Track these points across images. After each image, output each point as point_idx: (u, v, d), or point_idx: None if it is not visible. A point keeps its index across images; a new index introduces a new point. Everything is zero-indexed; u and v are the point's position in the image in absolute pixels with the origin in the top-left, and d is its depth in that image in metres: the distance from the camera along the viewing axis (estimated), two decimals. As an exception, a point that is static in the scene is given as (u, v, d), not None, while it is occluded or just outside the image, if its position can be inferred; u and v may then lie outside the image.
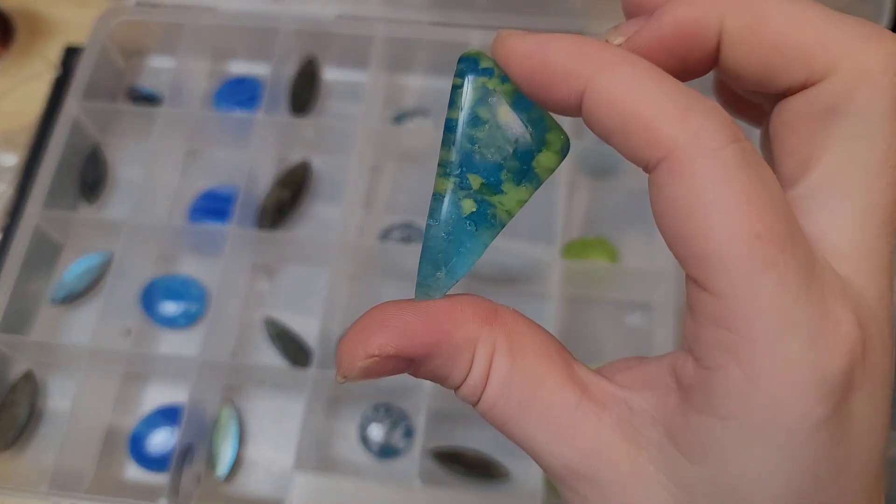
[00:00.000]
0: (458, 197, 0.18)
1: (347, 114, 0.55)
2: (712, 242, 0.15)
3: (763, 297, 0.14)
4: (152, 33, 0.56)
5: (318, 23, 0.54)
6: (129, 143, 0.55)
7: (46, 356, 0.47)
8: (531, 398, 0.17)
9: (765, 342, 0.14)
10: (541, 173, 0.18)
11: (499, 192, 0.18)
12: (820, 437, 0.15)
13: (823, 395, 0.14)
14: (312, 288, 0.50)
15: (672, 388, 0.17)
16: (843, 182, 0.16)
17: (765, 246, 0.14)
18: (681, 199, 0.15)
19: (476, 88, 0.17)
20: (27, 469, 0.46)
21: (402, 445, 0.45)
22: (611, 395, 0.17)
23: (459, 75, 0.18)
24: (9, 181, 0.53)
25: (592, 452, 0.17)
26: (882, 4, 0.49)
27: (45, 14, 0.60)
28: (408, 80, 0.56)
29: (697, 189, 0.15)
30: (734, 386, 0.15)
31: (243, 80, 0.57)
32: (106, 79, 0.55)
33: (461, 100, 0.18)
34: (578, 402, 0.17)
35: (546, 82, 0.17)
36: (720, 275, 0.15)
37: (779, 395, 0.14)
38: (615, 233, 0.50)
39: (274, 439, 0.46)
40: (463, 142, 0.18)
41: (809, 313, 0.14)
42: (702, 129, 0.15)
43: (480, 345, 0.17)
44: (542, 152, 0.18)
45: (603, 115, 0.16)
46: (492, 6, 0.53)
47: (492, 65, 0.17)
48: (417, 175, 0.53)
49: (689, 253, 0.15)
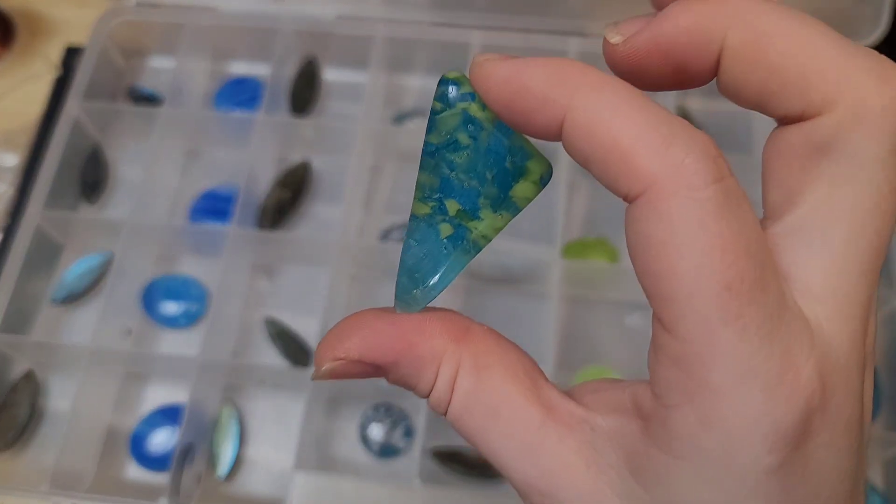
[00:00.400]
0: (436, 221, 0.18)
1: (347, 114, 0.55)
2: (680, 286, 0.14)
3: (723, 347, 0.14)
4: (152, 33, 0.56)
5: (319, 23, 0.54)
6: (130, 143, 0.55)
7: (47, 356, 0.47)
8: (494, 415, 0.17)
9: (720, 389, 0.14)
10: (518, 202, 0.18)
11: (475, 219, 0.18)
12: (771, 485, 0.15)
13: (775, 445, 0.14)
14: (312, 288, 0.50)
15: (633, 416, 0.17)
16: (827, 223, 0.15)
17: (732, 298, 0.14)
18: (654, 238, 0.14)
19: (456, 114, 0.17)
20: (28, 469, 0.46)
21: (403, 445, 0.45)
22: (576, 416, 0.17)
23: (440, 99, 0.17)
24: (9, 181, 0.53)
25: (552, 472, 0.17)
26: (882, 4, 0.49)
27: (46, 14, 0.60)
28: (408, 81, 0.56)
29: (672, 230, 0.14)
30: (688, 428, 0.15)
31: (243, 81, 0.57)
32: (106, 79, 0.55)
33: (441, 124, 0.17)
34: (542, 422, 0.17)
35: (524, 109, 0.16)
36: (684, 319, 0.14)
37: (730, 441, 0.14)
38: (615, 233, 0.51)
39: (274, 439, 0.46)
40: (441, 167, 0.18)
41: (769, 364, 0.14)
42: (683, 165, 0.14)
43: (446, 360, 0.18)
44: (521, 182, 0.18)
45: (582, 143, 0.15)
46: (492, 6, 0.53)
47: (472, 89, 0.17)
48: (417, 175, 0.53)
49: (656, 292, 0.15)
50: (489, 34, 0.52)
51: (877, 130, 0.15)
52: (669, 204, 0.14)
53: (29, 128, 0.54)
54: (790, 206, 0.16)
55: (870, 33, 0.50)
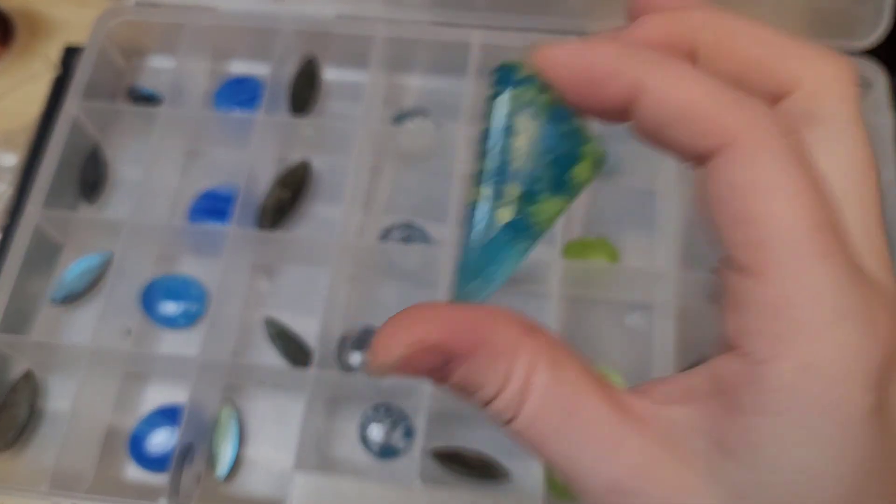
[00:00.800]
0: (494, 206, 0.18)
1: (347, 114, 0.55)
2: (773, 226, 0.15)
3: (819, 285, 0.14)
4: (152, 33, 0.56)
5: (318, 23, 0.54)
6: (130, 143, 0.55)
7: (46, 356, 0.47)
8: (573, 413, 0.16)
9: (819, 330, 0.14)
10: (576, 185, 0.18)
11: (535, 203, 0.18)
12: (870, 428, 0.15)
13: (872, 384, 0.14)
14: (312, 288, 0.50)
15: (714, 396, 0.16)
16: (837, 184, 0.17)
17: (823, 235, 0.15)
18: (744, 184, 0.15)
19: (513, 98, 0.17)
20: (27, 469, 0.46)
21: (402, 445, 0.45)
22: (650, 410, 0.17)
23: (497, 83, 0.18)
24: (9, 181, 0.53)
25: (638, 468, 0.16)
26: (882, 4, 0.49)
27: (45, 14, 0.60)
28: (408, 80, 0.56)
29: (763, 174, 0.15)
30: (786, 378, 0.15)
31: (243, 80, 0.57)
32: (106, 79, 0.55)
33: (498, 110, 0.18)
34: (621, 420, 0.17)
35: (594, 83, 0.17)
36: (778, 259, 0.15)
37: (832, 385, 0.14)
38: (615, 233, 0.50)
39: (274, 439, 0.46)
40: (500, 152, 0.18)
41: (859, 304, 0.15)
42: (761, 119, 0.15)
43: (521, 354, 0.17)
44: (578, 164, 0.18)
45: (660, 109, 0.16)
46: (492, 6, 0.53)
47: (529, 75, 0.17)
48: (417, 175, 0.53)
49: (745, 238, 0.15)
50: (489, 34, 0.52)
51: (842, 95, 0.17)
52: (758, 152, 0.15)
53: (28, 127, 0.54)
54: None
55: (870, 33, 0.50)
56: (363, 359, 0.47)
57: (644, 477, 0.16)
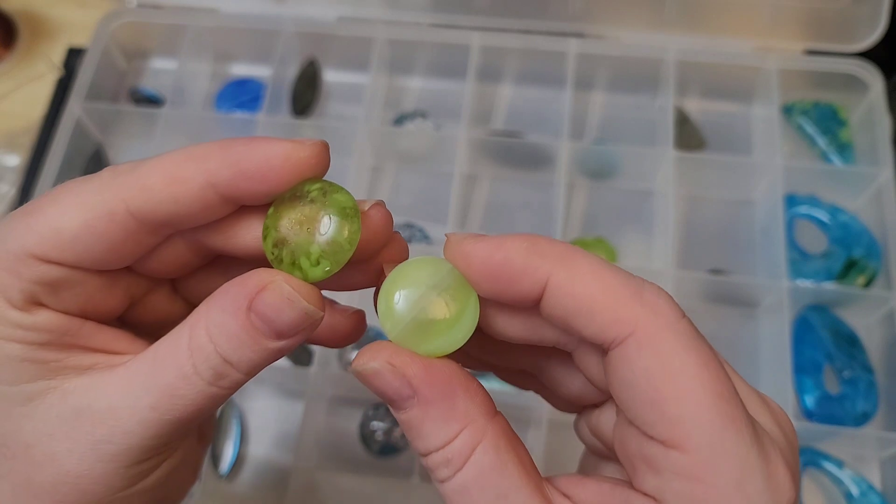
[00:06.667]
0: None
1: (348, 115, 0.55)
2: (683, 405, 0.17)
3: (727, 450, 0.17)
4: (154, 35, 0.57)
5: (320, 25, 0.54)
6: (132, 143, 0.55)
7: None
8: (503, 498, 0.18)
9: (730, 490, 0.17)
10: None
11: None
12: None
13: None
14: (313, 288, 0.50)
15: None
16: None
17: (727, 404, 0.17)
18: (652, 369, 0.17)
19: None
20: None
21: (403, 444, 0.45)
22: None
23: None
24: (12, 182, 0.54)
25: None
26: (880, 5, 0.50)
27: (48, 16, 0.60)
28: (408, 82, 0.57)
29: (666, 358, 0.17)
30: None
31: (245, 82, 0.57)
32: (108, 80, 0.56)
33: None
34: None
35: (508, 279, 0.18)
36: (691, 431, 0.17)
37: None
38: (614, 233, 0.51)
39: (275, 438, 0.46)
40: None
41: (761, 461, 0.17)
42: (658, 306, 0.18)
43: (474, 427, 0.18)
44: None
45: (566, 300, 0.18)
46: (491, 9, 0.54)
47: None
48: (417, 176, 0.53)
49: (660, 416, 0.17)
50: (489, 35, 0.53)
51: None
52: (659, 338, 0.17)
53: (31, 128, 0.55)
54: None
55: (868, 34, 0.51)
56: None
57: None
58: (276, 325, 0.19)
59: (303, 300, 0.19)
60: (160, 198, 0.19)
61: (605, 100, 0.56)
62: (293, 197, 0.20)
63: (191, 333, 0.19)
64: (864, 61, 0.51)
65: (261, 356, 0.19)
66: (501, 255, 0.18)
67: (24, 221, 0.19)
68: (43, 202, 0.19)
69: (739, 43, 0.53)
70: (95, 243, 0.19)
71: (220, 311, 0.19)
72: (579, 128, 0.54)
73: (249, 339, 0.19)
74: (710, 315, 0.49)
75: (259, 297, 0.19)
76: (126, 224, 0.19)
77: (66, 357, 0.20)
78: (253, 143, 0.20)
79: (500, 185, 0.53)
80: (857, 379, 0.45)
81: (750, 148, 0.54)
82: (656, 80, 0.53)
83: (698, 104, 0.55)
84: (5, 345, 0.19)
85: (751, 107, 0.55)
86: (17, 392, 0.19)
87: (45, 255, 0.19)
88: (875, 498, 0.43)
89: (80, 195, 0.19)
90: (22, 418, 0.19)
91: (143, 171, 0.19)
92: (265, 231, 0.20)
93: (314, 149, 0.20)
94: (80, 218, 0.19)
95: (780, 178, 0.48)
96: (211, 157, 0.19)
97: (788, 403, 0.42)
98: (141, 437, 0.19)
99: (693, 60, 0.52)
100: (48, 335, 0.20)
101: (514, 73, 0.56)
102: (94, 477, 0.19)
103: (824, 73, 0.52)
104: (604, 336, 0.18)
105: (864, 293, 0.46)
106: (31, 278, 0.19)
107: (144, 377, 0.19)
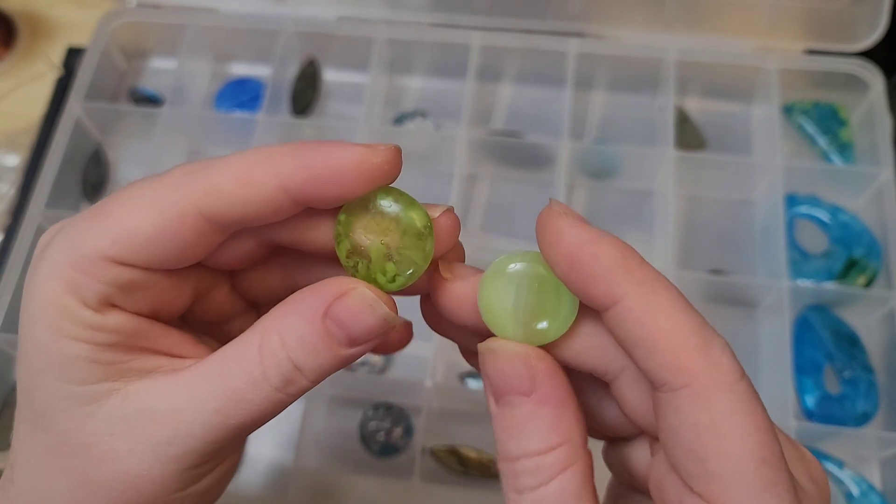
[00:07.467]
0: None
1: (348, 115, 0.55)
2: (726, 461, 0.17)
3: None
4: (154, 34, 0.57)
5: (319, 24, 0.54)
6: (131, 143, 0.55)
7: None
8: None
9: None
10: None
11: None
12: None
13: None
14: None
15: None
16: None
17: (769, 469, 0.17)
18: (701, 423, 0.17)
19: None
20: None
21: (403, 444, 0.45)
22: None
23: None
24: (11, 181, 0.53)
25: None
26: (880, 5, 0.50)
27: (48, 15, 0.60)
28: (408, 82, 0.57)
29: (718, 417, 0.17)
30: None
31: (244, 82, 0.57)
32: (108, 80, 0.56)
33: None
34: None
35: (586, 276, 0.18)
36: (729, 490, 0.17)
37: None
38: (614, 232, 0.50)
39: (275, 437, 0.46)
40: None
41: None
42: (720, 362, 0.17)
43: (572, 445, 0.18)
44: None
45: (633, 327, 0.18)
46: (492, 8, 0.53)
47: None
48: (417, 176, 0.53)
49: (701, 470, 0.17)
50: (489, 35, 0.53)
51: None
52: (714, 396, 0.17)
53: (31, 128, 0.55)
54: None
55: (868, 34, 0.51)
56: (364, 359, 0.47)
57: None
58: (352, 330, 0.19)
59: (384, 306, 0.19)
60: (231, 200, 0.19)
61: (605, 99, 0.56)
62: (366, 205, 0.20)
63: (262, 339, 0.19)
64: (864, 61, 0.51)
65: (331, 363, 0.19)
66: (592, 250, 0.18)
67: (96, 224, 0.19)
68: (114, 203, 0.20)
69: (740, 43, 0.53)
70: (168, 244, 0.19)
71: (297, 317, 0.19)
72: (579, 128, 0.54)
73: (324, 345, 0.19)
74: (710, 315, 0.48)
75: (338, 302, 0.19)
76: (197, 225, 0.19)
77: (131, 360, 0.20)
78: (325, 146, 0.19)
79: (500, 185, 0.53)
80: (858, 379, 0.45)
81: (750, 148, 0.54)
82: (656, 79, 0.53)
83: (698, 104, 0.55)
84: (76, 345, 0.19)
85: (751, 107, 0.55)
86: (83, 392, 0.19)
87: (119, 257, 0.19)
88: (875, 498, 0.43)
89: (151, 197, 0.19)
90: (85, 418, 0.19)
91: (214, 172, 0.19)
92: (338, 238, 0.20)
93: (387, 154, 0.20)
94: (152, 220, 0.19)
95: (780, 178, 0.48)
96: (283, 159, 0.19)
97: (788, 403, 0.42)
98: (202, 441, 0.19)
99: (693, 60, 0.52)
100: (117, 336, 0.20)
101: (514, 72, 0.56)
102: (151, 477, 0.19)
103: (825, 72, 0.52)
104: (658, 376, 0.18)
105: (865, 293, 0.46)
106: (106, 280, 0.19)
107: (211, 381, 0.19)
